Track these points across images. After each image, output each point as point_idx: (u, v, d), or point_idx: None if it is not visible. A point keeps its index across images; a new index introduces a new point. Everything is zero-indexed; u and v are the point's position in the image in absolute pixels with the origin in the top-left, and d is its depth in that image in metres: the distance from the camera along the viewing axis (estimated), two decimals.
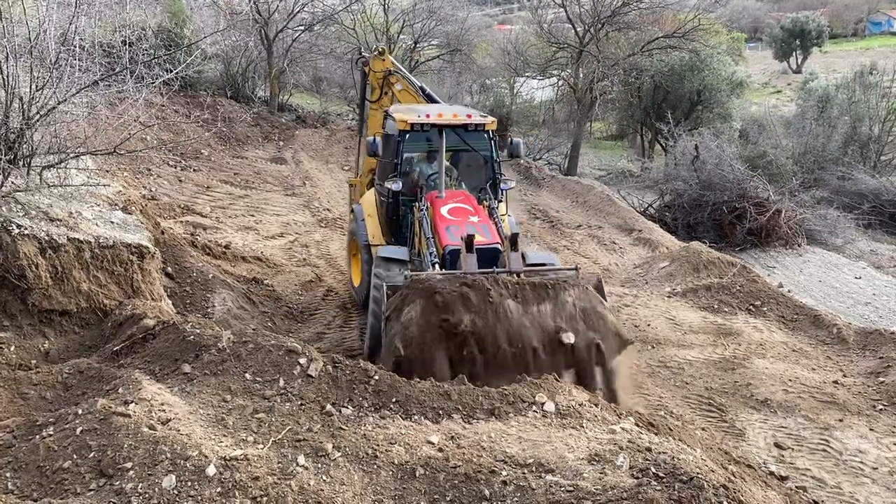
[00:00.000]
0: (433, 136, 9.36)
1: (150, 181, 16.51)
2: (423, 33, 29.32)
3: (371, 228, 10.01)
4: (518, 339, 6.80)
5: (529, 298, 6.94)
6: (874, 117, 25.97)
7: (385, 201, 9.62)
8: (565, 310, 7.01)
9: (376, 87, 11.35)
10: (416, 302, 6.83)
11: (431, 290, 6.81)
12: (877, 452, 7.34)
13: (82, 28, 7.58)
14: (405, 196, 9.38)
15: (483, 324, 6.72)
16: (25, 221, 7.17)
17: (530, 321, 6.85)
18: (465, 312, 6.72)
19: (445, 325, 6.70)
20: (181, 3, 24.39)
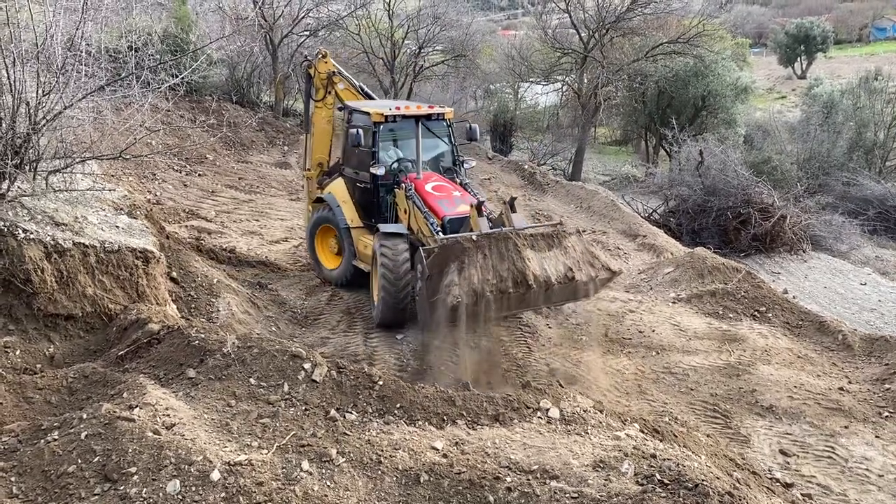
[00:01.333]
0: (404, 126, 10.88)
1: (156, 186, 16.57)
2: (427, 39, 29.38)
3: (348, 213, 11.13)
4: (538, 275, 8.29)
5: (542, 247, 8.56)
6: (879, 123, 25.96)
7: (365, 186, 10.91)
8: (569, 253, 8.65)
9: (321, 87, 12.27)
10: (464, 256, 8.14)
11: (479, 245, 8.23)
12: (882, 459, 7.31)
13: (89, 33, 7.60)
14: (383, 180, 10.67)
15: (514, 268, 8.23)
16: (31, 226, 7.19)
17: (547, 264, 8.45)
18: (501, 261, 8.24)
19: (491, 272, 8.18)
20: (187, 8, 24.50)
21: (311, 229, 11.87)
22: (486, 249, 8.31)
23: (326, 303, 11.10)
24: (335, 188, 11.52)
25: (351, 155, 11.32)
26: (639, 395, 8.62)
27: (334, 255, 11.68)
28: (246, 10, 25.21)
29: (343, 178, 11.45)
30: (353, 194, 11.20)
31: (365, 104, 11.69)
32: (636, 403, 8.35)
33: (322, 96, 12.28)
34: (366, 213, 11.02)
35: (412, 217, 9.99)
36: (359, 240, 10.98)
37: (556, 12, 32.03)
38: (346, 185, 11.32)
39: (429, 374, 8.76)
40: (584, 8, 28.42)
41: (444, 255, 8.28)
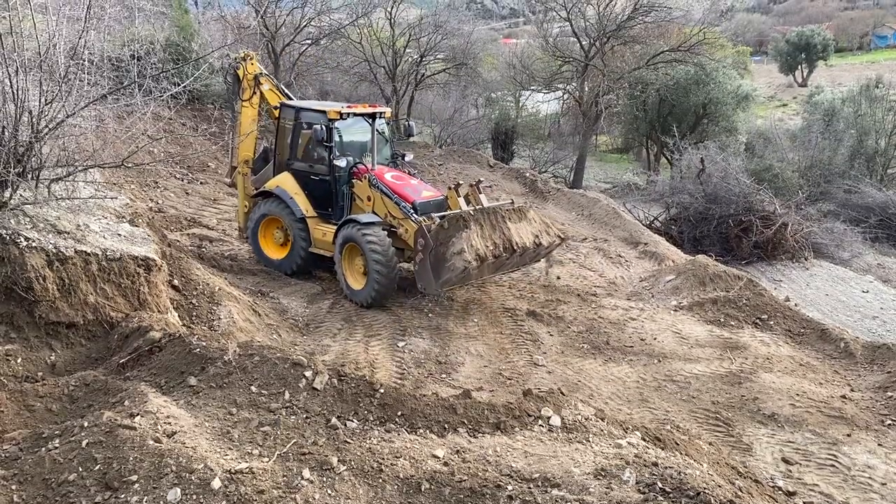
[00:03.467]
0: (355, 123, 12.04)
1: (158, 194, 16.59)
2: (429, 47, 29.44)
3: (303, 204, 12.05)
4: (518, 242, 10.61)
5: (515, 219, 10.89)
6: (880, 131, 25.97)
7: (320, 179, 11.98)
8: (533, 223, 11.14)
9: (248, 87, 12.89)
10: (468, 228, 10.16)
11: (476, 218, 10.34)
12: (885, 468, 7.28)
13: (91, 42, 7.63)
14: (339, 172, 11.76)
15: (504, 237, 10.48)
16: (33, 234, 7.21)
17: (521, 232, 10.76)
18: (493, 231, 10.45)
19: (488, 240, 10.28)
20: (189, 17, 24.64)
21: (255, 222, 12.61)
22: (482, 221, 10.41)
23: (327, 310, 11.11)
24: (283, 182, 12.26)
25: (302, 150, 12.27)
26: (640, 403, 8.61)
27: (279, 246, 12.60)
28: (248, 18, 25.32)
29: (290, 172, 12.28)
30: (304, 186, 12.12)
31: (313, 103, 13.04)
32: (638, 411, 8.34)
33: (249, 96, 12.90)
34: (318, 204, 12.10)
35: (376, 204, 11.41)
36: (315, 229, 12.00)
37: (557, 21, 32.12)
38: (295, 178, 12.20)
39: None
40: (584, 16, 28.49)
41: (449, 227, 10.11)
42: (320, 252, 12.02)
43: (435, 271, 10.09)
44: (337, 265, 11.52)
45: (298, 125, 12.15)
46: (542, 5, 32.89)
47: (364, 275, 11.14)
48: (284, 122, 12.45)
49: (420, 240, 10.19)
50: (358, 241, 10.94)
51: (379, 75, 28.38)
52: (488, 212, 10.64)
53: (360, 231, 10.93)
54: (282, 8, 25.66)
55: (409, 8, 31.59)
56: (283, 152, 12.57)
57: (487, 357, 9.72)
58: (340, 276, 11.53)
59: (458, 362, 9.52)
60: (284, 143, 12.52)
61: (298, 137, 12.26)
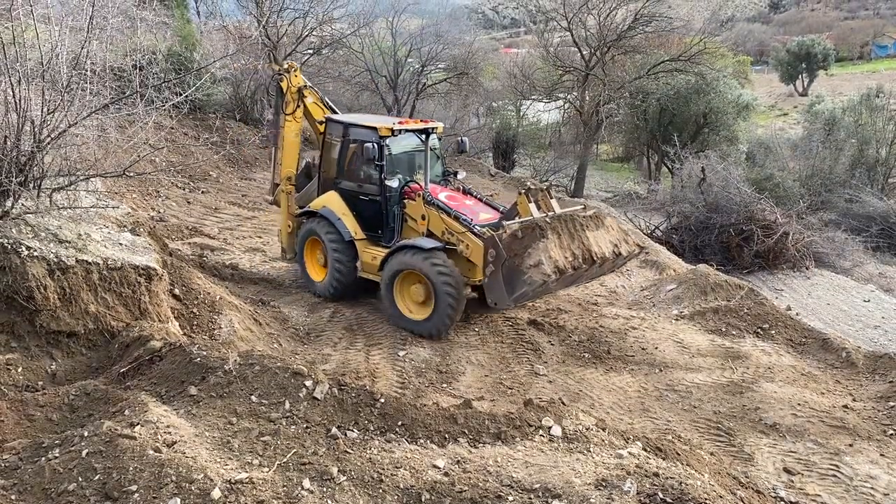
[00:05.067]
0: (404, 139, 11.34)
1: (159, 203, 16.62)
2: (430, 57, 29.56)
3: (351, 226, 11.39)
4: (598, 252, 9.89)
5: (593, 227, 10.14)
6: (881, 140, 25.98)
7: (370, 199, 11.28)
8: (610, 231, 10.37)
9: (291, 100, 12.40)
10: (545, 237, 9.46)
11: (553, 227, 9.67)
12: (888, 478, 7.25)
13: (94, 52, 7.66)
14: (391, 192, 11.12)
15: (583, 246, 9.80)
16: (35, 243, 7.22)
17: (600, 241, 10.04)
18: (571, 240, 9.76)
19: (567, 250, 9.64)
20: (191, 27, 24.73)
21: (302, 242, 12.08)
22: (559, 230, 9.70)
23: (328, 320, 11.11)
24: (329, 202, 11.65)
25: (351, 168, 11.56)
26: (641, 413, 8.59)
27: (321, 267, 11.97)
28: (250, 28, 25.42)
29: (337, 192, 11.64)
30: (352, 207, 11.46)
31: (361, 118, 12.30)
32: (639, 421, 8.32)
33: (293, 110, 12.42)
34: (367, 226, 11.40)
35: (431, 222, 10.66)
36: (364, 252, 11.29)
37: (557, 30, 32.25)
38: (342, 198, 11.56)
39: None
40: (585, 26, 28.60)
41: (524, 237, 9.47)
42: (370, 277, 11.26)
43: (508, 285, 9.37)
44: (385, 292, 10.75)
45: (347, 141, 11.47)
46: (543, 15, 33.01)
47: (423, 304, 10.48)
48: (330, 137, 11.81)
49: (491, 251, 9.47)
50: (423, 269, 10.16)
51: (380, 85, 28.47)
52: (566, 219, 9.94)
53: (428, 259, 10.16)
54: (283, 18, 25.77)
55: (411, 18, 31.71)
56: (329, 170, 11.92)
57: (488, 366, 9.71)
58: (390, 304, 10.75)
59: (458, 372, 9.50)
60: (331, 160, 11.88)
61: (346, 154, 11.57)
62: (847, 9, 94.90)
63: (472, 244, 10.11)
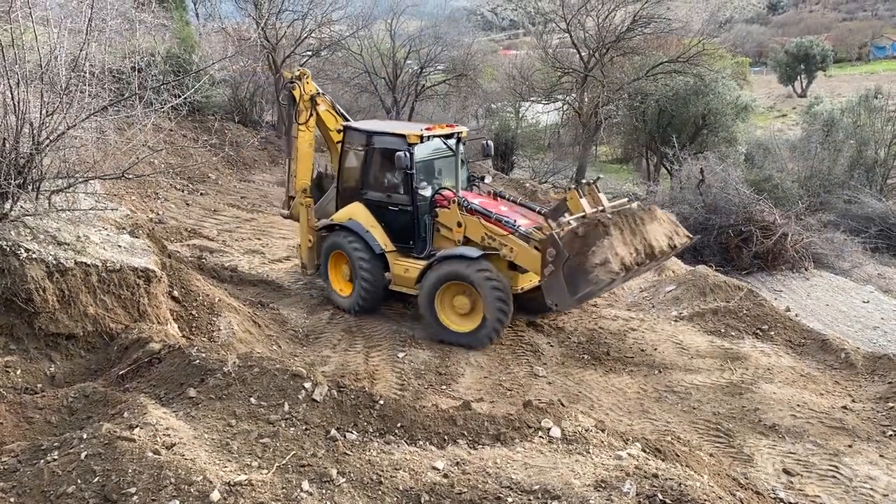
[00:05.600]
0: (428, 146, 10.89)
1: (158, 205, 16.61)
2: (429, 58, 29.59)
3: (380, 238, 10.96)
4: (657, 246, 9.52)
5: (647, 220, 9.72)
6: (880, 141, 25.99)
7: (401, 209, 10.85)
8: (663, 224, 9.99)
9: (304, 109, 11.94)
10: (609, 234, 8.98)
11: (615, 223, 9.17)
12: (887, 479, 7.25)
13: (92, 54, 7.67)
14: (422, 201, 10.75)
15: (645, 241, 9.42)
16: (33, 245, 7.22)
17: (656, 235, 9.66)
18: (633, 235, 9.35)
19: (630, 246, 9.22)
20: (190, 29, 24.75)
21: (326, 257, 11.59)
22: (621, 225, 9.27)
23: (327, 321, 11.11)
24: (355, 213, 11.18)
25: (377, 178, 11.12)
26: (641, 414, 8.58)
27: (346, 282, 11.50)
28: (249, 30, 25.43)
29: (362, 203, 11.17)
30: (380, 218, 11.05)
31: (383, 125, 11.91)
32: (638, 422, 8.31)
33: (306, 119, 11.98)
34: (397, 237, 10.99)
35: (469, 228, 10.35)
36: (395, 264, 10.89)
37: (556, 32, 32.29)
38: (369, 209, 11.10)
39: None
40: (584, 28, 28.63)
41: (585, 235, 9.00)
42: (402, 290, 10.96)
43: (571, 285, 8.91)
44: (425, 305, 10.31)
45: (371, 150, 10.99)
46: (542, 17, 33.05)
47: (466, 315, 10.21)
48: (350, 146, 11.39)
49: (551, 250, 9.04)
50: (472, 278, 9.87)
51: (379, 86, 28.49)
52: (626, 214, 9.56)
53: (474, 267, 9.88)
54: (282, 20, 25.78)
55: (410, 20, 31.74)
56: (350, 180, 11.53)
57: (487, 368, 9.70)
58: (432, 318, 10.33)
59: (458, 373, 9.50)
60: (352, 171, 11.47)
61: (372, 164, 11.10)
62: (845, 10, 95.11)
63: (517, 247, 9.87)
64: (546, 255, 9.13)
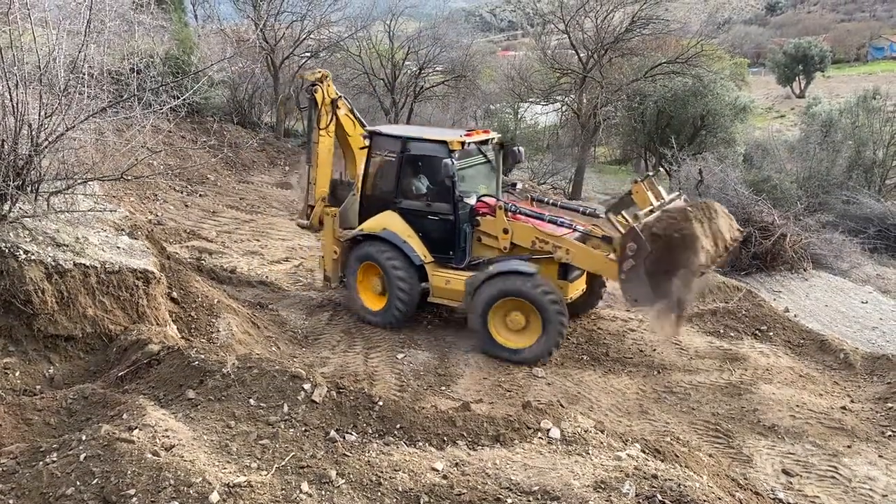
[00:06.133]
0: (468, 153, 10.59)
1: (157, 206, 16.61)
2: (427, 59, 29.60)
3: (419, 248, 10.49)
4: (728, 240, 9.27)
5: (715, 213, 9.33)
6: (878, 142, 25.99)
7: (442, 218, 10.43)
8: (722, 217, 9.53)
9: (325, 113, 11.47)
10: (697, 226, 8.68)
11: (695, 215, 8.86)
12: (886, 479, 7.26)
13: (91, 56, 7.66)
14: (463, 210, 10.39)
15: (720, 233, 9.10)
16: (32, 247, 7.22)
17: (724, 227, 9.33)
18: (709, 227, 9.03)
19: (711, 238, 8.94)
20: (189, 30, 24.76)
21: (354, 269, 11.00)
22: (701, 218, 8.96)
23: (327, 323, 11.10)
24: (390, 223, 10.63)
25: (414, 186, 10.79)
26: (640, 415, 8.59)
27: (377, 296, 10.99)
28: (248, 32, 25.44)
29: (396, 212, 10.67)
30: (418, 228, 10.57)
31: (418, 130, 11.59)
32: (637, 423, 8.32)
33: (327, 123, 11.46)
34: (436, 248, 10.56)
35: (516, 234, 10.09)
36: (434, 275, 10.46)
37: (555, 33, 32.30)
38: (404, 219, 10.62)
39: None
40: (582, 29, 28.65)
41: (667, 228, 8.67)
42: (443, 302, 10.62)
43: (654, 280, 8.66)
44: (478, 322, 9.94)
45: (407, 157, 10.53)
46: (541, 18, 33.07)
47: (520, 331, 9.91)
48: (381, 153, 10.88)
49: (632, 244, 8.71)
50: (531, 295, 9.58)
51: (378, 88, 28.50)
52: (701, 207, 9.25)
53: (531, 283, 9.59)
54: (281, 21, 25.82)
55: (408, 21, 31.76)
56: (378, 188, 11.03)
57: (486, 369, 9.70)
58: (486, 334, 9.94)
59: (457, 374, 9.50)
60: (381, 178, 11.00)
61: (407, 172, 10.69)
62: (844, 11, 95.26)
63: (574, 248, 9.74)
64: (626, 249, 8.78)
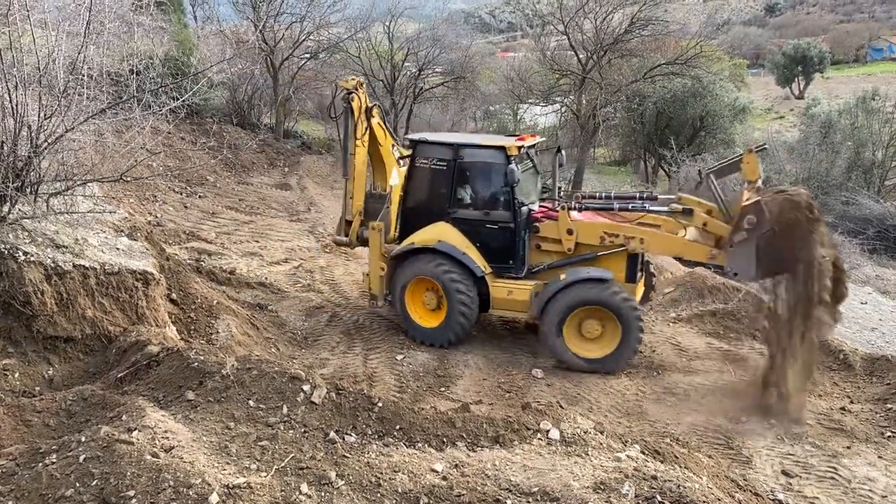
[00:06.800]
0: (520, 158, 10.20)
1: (156, 207, 16.60)
2: (427, 61, 29.58)
3: (478, 260, 10.17)
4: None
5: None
6: (877, 143, 26.01)
7: (501, 226, 10.16)
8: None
9: (361, 123, 10.92)
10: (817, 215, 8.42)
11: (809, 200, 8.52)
12: (886, 480, 7.26)
13: (91, 57, 7.67)
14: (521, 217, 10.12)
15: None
16: (32, 248, 7.22)
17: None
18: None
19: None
20: (188, 32, 24.75)
21: (403, 285, 10.48)
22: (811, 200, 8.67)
23: (326, 324, 11.10)
24: (445, 235, 10.25)
25: (469, 195, 10.45)
26: (639, 416, 8.59)
27: (430, 312, 10.53)
28: (247, 33, 25.43)
29: (450, 223, 10.32)
30: (474, 238, 10.26)
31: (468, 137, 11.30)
32: (637, 424, 8.32)
33: (363, 133, 10.91)
34: (493, 258, 10.28)
35: (582, 233, 9.91)
36: (494, 287, 10.20)
37: (554, 34, 32.25)
38: (459, 229, 10.29)
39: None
40: (582, 30, 28.62)
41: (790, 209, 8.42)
42: (504, 314, 10.46)
43: (763, 259, 8.58)
44: (553, 334, 9.70)
45: (461, 165, 10.18)
46: (540, 19, 33.08)
47: (594, 340, 9.79)
48: (428, 162, 10.40)
49: (751, 217, 8.54)
50: (612, 303, 9.44)
51: (377, 89, 28.49)
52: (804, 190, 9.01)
53: (610, 290, 9.46)
54: (280, 22, 25.79)
55: (408, 22, 31.75)
56: (424, 199, 10.62)
57: (486, 370, 9.70)
58: (562, 346, 9.73)
59: (456, 375, 9.50)
60: (429, 189, 10.59)
61: (461, 180, 10.32)
62: (843, 12, 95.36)
63: (649, 236, 9.68)
64: (744, 220, 8.64)
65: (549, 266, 10.20)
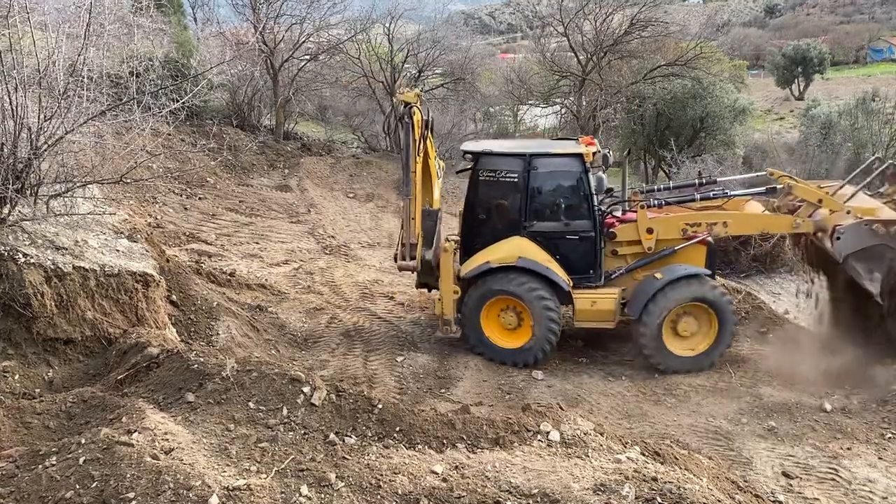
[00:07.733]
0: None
1: (156, 209, 16.60)
2: (427, 62, 29.59)
3: (560, 273, 9.94)
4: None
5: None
6: (877, 144, 25.97)
7: (583, 235, 10.04)
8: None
9: (420, 137, 9.98)
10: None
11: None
12: (886, 481, 7.26)
13: (90, 59, 7.67)
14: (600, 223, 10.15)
15: None
16: (31, 250, 7.21)
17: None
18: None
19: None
20: (188, 33, 24.76)
21: (477, 306, 10.01)
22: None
23: (326, 325, 11.10)
24: (524, 250, 9.87)
25: (547, 206, 10.11)
26: (640, 418, 8.59)
27: (509, 331, 10.12)
28: (247, 35, 25.44)
29: (526, 237, 10.00)
30: (554, 251, 10.01)
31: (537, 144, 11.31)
32: (637, 426, 8.32)
33: (420, 148, 10.05)
34: (573, 268, 10.08)
35: (661, 229, 9.99)
36: (578, 298, 10.01)
37: (554, 36, 32.27)
38: (536, 243, 9.99)
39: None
40: (582, 31, 28.64)
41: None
42: (589, 325, 10.22)
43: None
44: (653, 338, 9.59)
45: (534, 176, 9.81)
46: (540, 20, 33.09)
47: (689, 337, 9.82)
48: (493, 175, 10.02)
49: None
50: (712, 298, 9.55)
51: (377, 90, 28.50)
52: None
53: (713, 287, 9.64)
54: (280, 24, 25.79)
55: (408, 24, 31.75)
56: (492, 213, 10.23)
57: (486, 372, 9.70)
58: (662, 348, 9.68)
59: (456, 377, 9.50)
60: (497, 202, 10.19)
61: (536, 191, 9.97)
62: (842, 13, 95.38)
63: (733, 218, 9.95)
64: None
65: (626, 269, 10.18)
